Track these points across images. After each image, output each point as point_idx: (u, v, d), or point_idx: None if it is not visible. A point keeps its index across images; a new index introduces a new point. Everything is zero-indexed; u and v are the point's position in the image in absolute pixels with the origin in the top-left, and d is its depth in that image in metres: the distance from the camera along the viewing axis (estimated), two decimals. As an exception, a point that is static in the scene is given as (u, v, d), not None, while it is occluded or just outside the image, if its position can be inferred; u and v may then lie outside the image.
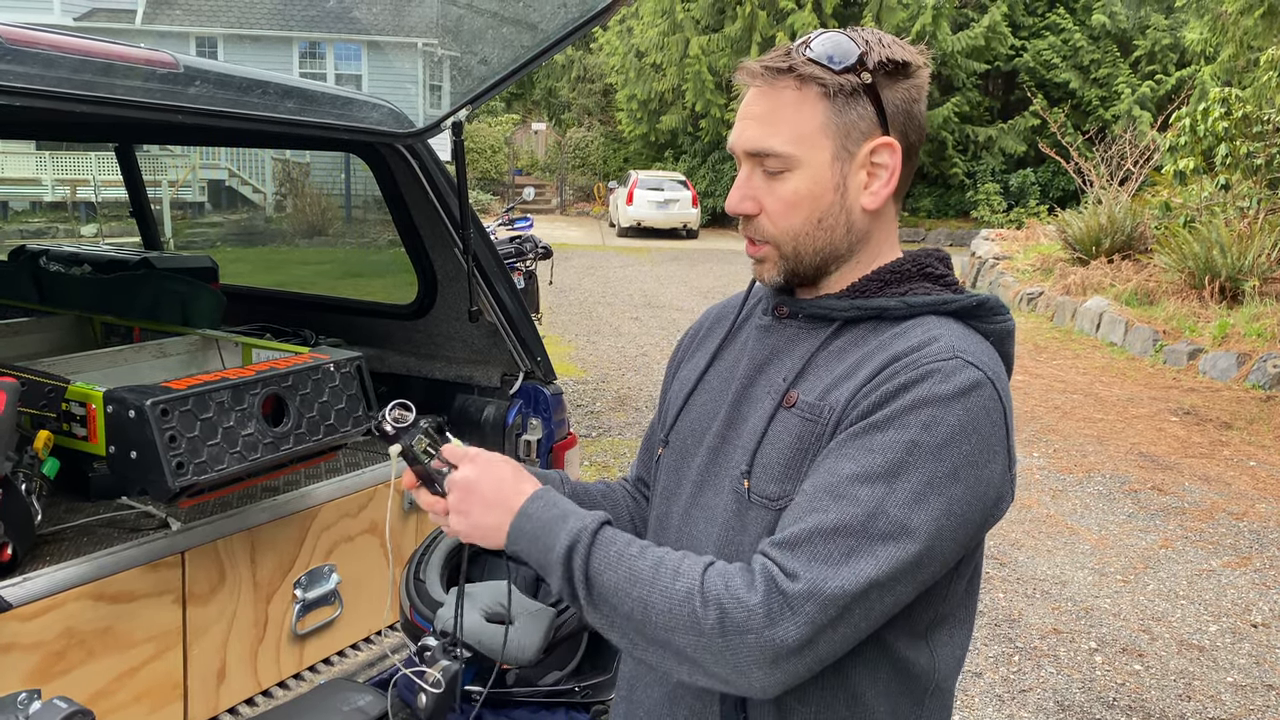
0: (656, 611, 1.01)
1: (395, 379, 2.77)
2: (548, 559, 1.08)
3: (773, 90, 1.11)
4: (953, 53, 22.91)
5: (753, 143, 1.12)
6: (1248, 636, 4.09)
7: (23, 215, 20.93)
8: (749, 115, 1.13)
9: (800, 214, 1.12)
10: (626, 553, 1.05)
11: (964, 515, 1.02)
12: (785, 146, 1.10)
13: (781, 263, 1.15)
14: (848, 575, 0.97)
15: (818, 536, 0.99)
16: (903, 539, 0.98)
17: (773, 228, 1.14)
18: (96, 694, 1.74)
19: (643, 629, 1.02)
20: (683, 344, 1.40)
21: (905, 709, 1.12)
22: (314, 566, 2.17)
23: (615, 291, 13.84)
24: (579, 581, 1.05)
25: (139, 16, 23.46)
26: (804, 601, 0.96)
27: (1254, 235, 10.02)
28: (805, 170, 1.11)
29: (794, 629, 0.96)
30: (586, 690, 1.81)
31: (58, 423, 1.87)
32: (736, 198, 1.14)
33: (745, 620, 0.97)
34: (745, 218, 1.15)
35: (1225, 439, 6.93)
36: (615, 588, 1.04)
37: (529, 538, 1.10)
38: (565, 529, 1.08)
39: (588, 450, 6.20)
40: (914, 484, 0.99)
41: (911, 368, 1.04)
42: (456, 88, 2.40)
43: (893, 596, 1.00)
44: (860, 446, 1.02)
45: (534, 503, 1.12)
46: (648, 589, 1.02)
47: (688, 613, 0.99)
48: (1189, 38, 14.85)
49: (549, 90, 32.25)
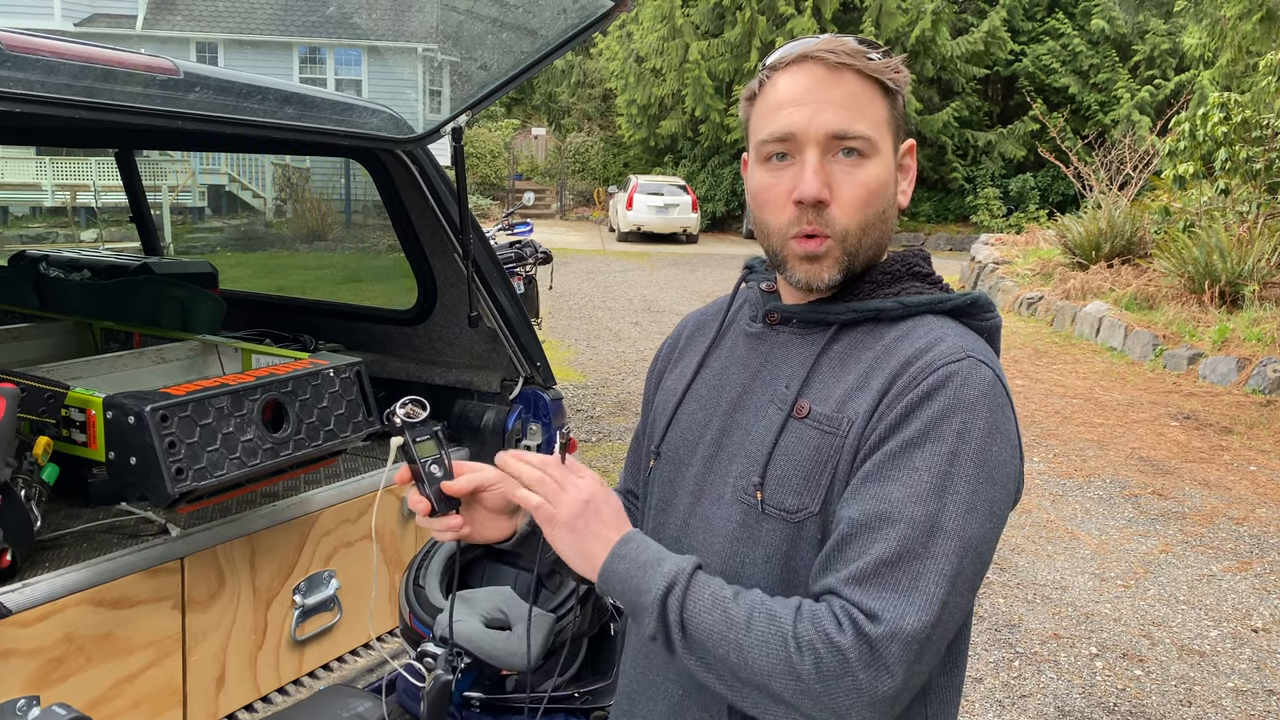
0: (753, 656, 1.00)
1: (395, 384, 2.77)
2: (641, 600, 1.06)
3: (839, 78, 1.09)
4: (952, 58, 22.95)
5: (837, 124, 1.08)
6: (1248, 642, 4.08)
7: (23, 220, 20.94)
8: (822, 99, 1.08)
9: (875, 204, 1.11)
10: (721, 595, 1.04)
11: (1003, 514, 1.05)
12: (870, 130, 1.09)
13: (844, 258, 1.11)
14: (921, 603, 0.98)
15: (884, 568, 0.99)
16: (963, 550, 1.00)
17: (845, 218, 1.10)
18: (95, 700, 1.74)
19: (739, 673, 1.02)
20: (662, 354, 1.38)
21: (914, 710, 1.12)
22: (313, 572, 2.17)
23: (615, 296, 13.84)
24: (674, 625, 1.04)
25: (139, 22, 23.49)
26: (889, 643, 0.97)
27: (1253, 240, 10.02)
28: (882, 159, 1.11)
29: (886, 673, 0.97)
30: (586, 696, 1.81)
31: (57, 428, 1.87)
32: (816, 184, 1.07)
33: (840, 666, 0.97)
34: (816, 207, 1.09)
35: (1225, 444, 6.93)
36: (710, 632, 1.02)
37: (620, 578, 1.08)
38: (661, 572, 1.06)
39: (588, 455, 6.19)
40: (963, 494, 1.01)
41: (928, 372, 1.05)
42: (456, 93, 2.40)
43: (960, 606, 1.01)
44: (903, 467, 1.02)
45: (627, 544, 1.10)
46: (743, 633, 1.01)
47: (784, 658, 0.99)
48: (1188, 42, 14.88)
49: (549, 95, 32.29)
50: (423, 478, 1.17)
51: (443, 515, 1.18)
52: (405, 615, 1.91)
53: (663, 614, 1.05)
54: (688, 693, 1.16)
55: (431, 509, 1.18)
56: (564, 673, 1.82)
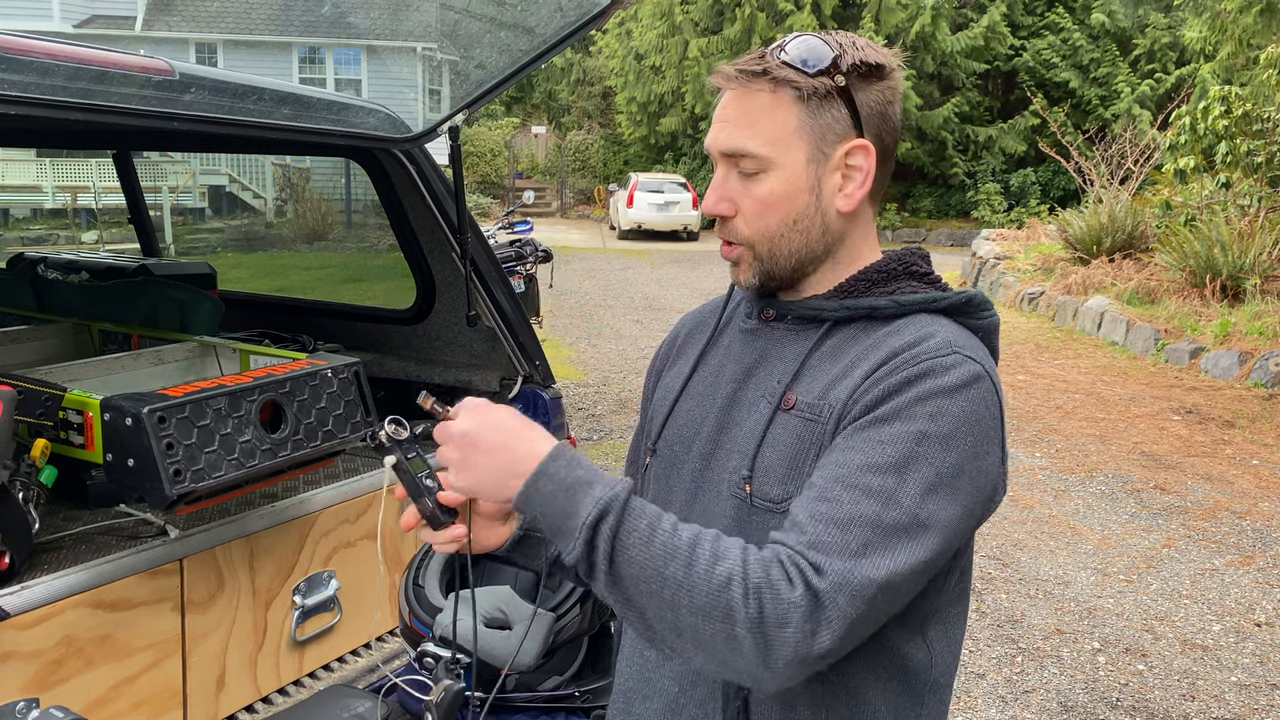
0: (692, 594, 0.96)
1: (394, 384, 2.76)
2: (566, 525, 1.01)
3: (747, 93, 1.12)
4: (952, 53, 22.91)
5: (728, 143, 1.12)
6: (1251, 636, 4.08)
7: (23, 222, 20.96)
8: (724, 117, 1.13)
9: (775, 215, 1.13)
10: (659, 527, 0.99)
11: (968, 506, 1.03)
12: (761, 148, 1.11)
13: (756, 264, 1.15)
14: (869, 568, 0.96)
15: (835, 528, 0.98)
16: (916, 530, 0.99)
17: (748, 229, 1.14)
18: (95, 702, 1.74)
19: (667, 610, 0.97)
20: (660, 353, 1.39)
21: (906, 706, 1.12)
22: (313, 573, 2.17)
23: (616, 294, 13.84)
24: (602, 555, 0.99)
25: (139, 23, 23.49)
26: (835, 595, 0.95)
27: (1255, 233, 10.01)
28: (780, 172, 1.11)
29: (827, 626, 0.95)
30: (586, 695, 1.81)
31: (55, 431, 1.86)
32: (713, 199, 1.15)
33: (785, 615, 0.95)
34: (721, 219, 1.15)
35: (1228, 438, 6.92)
36: (644, 564, 0.98)
37: (545, 498, 1.02)
38: (592, 495, 1.00)
39: (590, 453, 6.20)
40: (924, 475, 1.00)
41: (911, 363, 1.05)
42: (455, 92, 2.40)
43: (908, 587, 1.00)
44: (868, 439, 1.02)
45: (555, 461, 1.03)
46: (684, 570, 0.97)
47: (726, 599, 0.95)
48: (1188, 36, 14.83)
49: (549, 93, 32.27)
50: (421, 492, 1.18)
51: (445, 527, 1.19)
52: (405, 615, 1.91)
53: (590, 542, 0.99)
54: (684, 690, 1.16)
55: (436, 522, 1.18)
56: (564, 672, 1.82)
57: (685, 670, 1.16)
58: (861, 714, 1.10)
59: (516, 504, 1.05)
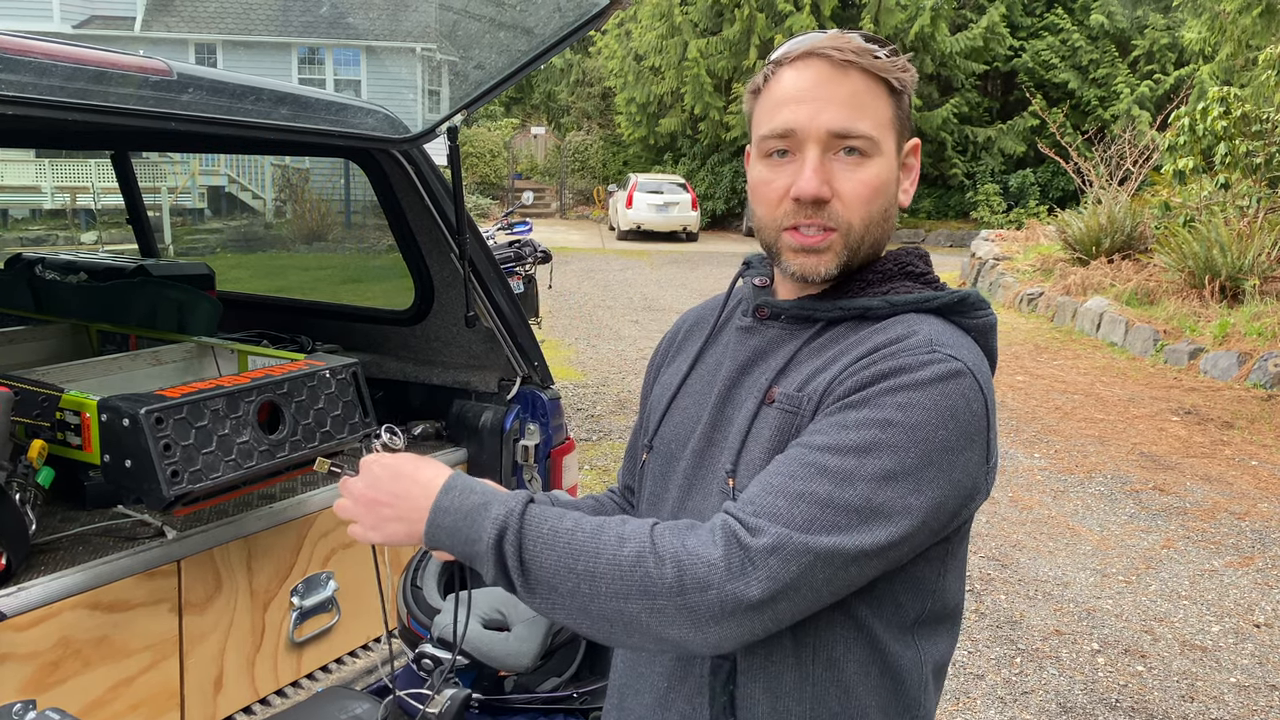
0: (605, 581, 0.98)
1: (392, 385, 2.76)
2: (474, 550, 1.03)
3: (843, 75, 1.09)
4: (951, 54, 22.93)
5: (839, 122, 1.08)
6: (1250, 637, 4.08)
7: (23, 223, 20.95)
8: (825, 97, 1.08)
9: (877, 202, 1.11)
10: (560, 528, 1.01)
11: (936, 500, 1.01)
12: (873, 130, 1.09)
13: (845, 253, 1.11)
14: (807, 538, 0.96)
15: (783, 499, 0.98)
16: (868, 514, 0.98)
17: (848, 213, 1.10)
18: (92, 704, 1.73)
19: (590, 604, 0.99)
20: (660, 349, 1.39)
21: (894, 703, 1.12)
22: (311, 574, 2.17)
23: (615, 295, 13.84)
24: (514, 569, 1.01)
25: (138, 23, 23.48)
26: (767, 555, 0.95)
27: (1254, 234, 10.01)
28: (884, 158, 1.11)
29: (756, 583, 0.95)
30: (584, 696, 1.80)
31: (52, 432, 1.86)
32: (816, 181, 1.08)
33: (706, 575, 0.95)
34: (815, 204, 1.09)
35: (1227, 438, 6.92)
36: (555, 567, 1.00)
37: (449, 531, 1.06)
38: (489, 516, 1.03)
39: (589, 454, 6.19)
40: (884, 462, 0.99)
41: (889, 357, 1.05)
42: (454, 92, 2.40)
43: (858, 569, 0.99)
44: (834, 423, 1.02)
45: (448, 494, 1.07)
46: (592, 561, 0.99)
47: (640, 576, 0.97)
48: (1187, 37, 14.85)
49: (548, 94, 32.28)
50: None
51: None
52: (403, 616, 1.90)
53: (500, 561, 1.02)
54: (673, 685, 1.17)
55: None
56: (562, 673, 1.81)
57: (674, 665, 1.16)
58: (850, 709, 1.10)
59: (428, 544, 1.08)
